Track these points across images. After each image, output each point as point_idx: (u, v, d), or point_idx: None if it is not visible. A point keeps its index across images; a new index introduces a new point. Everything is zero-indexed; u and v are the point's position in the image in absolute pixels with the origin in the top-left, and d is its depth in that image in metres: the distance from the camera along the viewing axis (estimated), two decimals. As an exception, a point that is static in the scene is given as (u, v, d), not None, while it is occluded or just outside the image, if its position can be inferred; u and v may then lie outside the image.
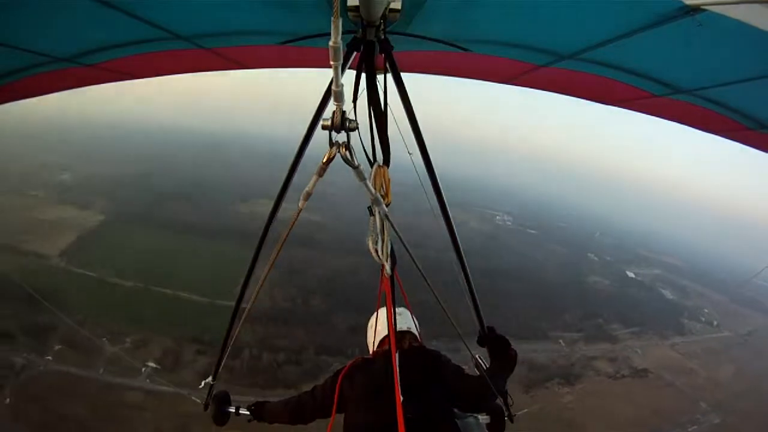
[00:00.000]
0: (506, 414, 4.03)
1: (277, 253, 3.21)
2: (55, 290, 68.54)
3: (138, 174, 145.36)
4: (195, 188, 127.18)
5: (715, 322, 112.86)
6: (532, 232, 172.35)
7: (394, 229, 2.90)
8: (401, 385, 3.02)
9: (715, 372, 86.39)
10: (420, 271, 3.33)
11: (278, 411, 4.13)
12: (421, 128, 2.84)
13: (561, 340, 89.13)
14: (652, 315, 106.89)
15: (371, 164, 2.88)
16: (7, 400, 52.46)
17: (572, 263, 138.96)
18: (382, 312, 4.29)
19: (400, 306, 4.18)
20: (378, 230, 2.70)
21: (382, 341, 4.24)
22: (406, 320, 4.37)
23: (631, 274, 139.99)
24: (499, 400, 3.90)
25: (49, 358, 59.77)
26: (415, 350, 3.97)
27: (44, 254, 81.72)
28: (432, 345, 4.54)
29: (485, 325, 4.01)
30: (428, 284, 3.47)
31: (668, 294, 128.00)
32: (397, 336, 3.71)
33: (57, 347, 61.18)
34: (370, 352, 4.36)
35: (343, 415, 3.65)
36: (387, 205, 2.75)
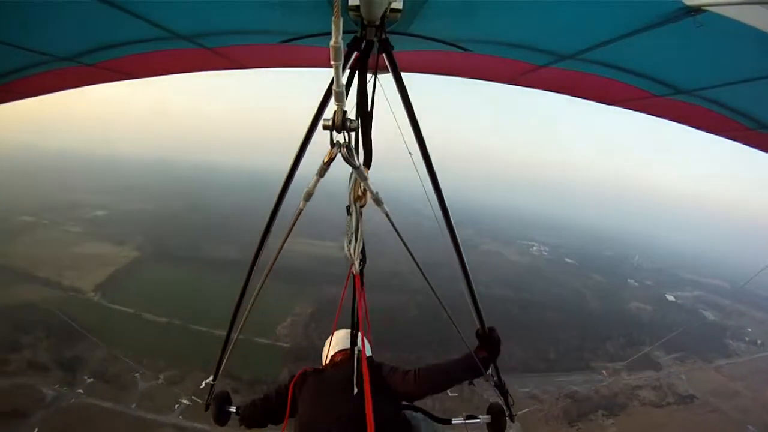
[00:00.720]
0: (507, 413, 3.98)
1: (278, 253, 3.22)
2: (90, 324, 69.39)
3: (173, 211, 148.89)
4: (231, 224, 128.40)
5: (759, 341, 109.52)
6: (570, 261, 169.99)
7: (395, 229, 2.93)
8: (352, 387, 3.23)
9: (762, 393, 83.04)
10: (420, 271, 3.30)
11: (245, 415, 4.16)
12: (421, 128, 2.81)
13: (604, 371, 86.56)
14: (695, 338, 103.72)
15: (356, 166, 2.65)
16: (36, 430, 52.27)
17: (612, 290, 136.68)
18: (338, 332, 4.49)
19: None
20: (353, 230, 2.73)
21: (333, 355, 4.34)
22: (359, 340, 4.30)
23: (671, 298, 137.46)
24: (500, 399, 3.96)
25: (81, 391, 59.45)
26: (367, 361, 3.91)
27: (80, 288, 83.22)
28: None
29: (485, 324, 3.82)
30: (429, 285, 3.43)
31: (710, 315, 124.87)
32: (346, 352, 3.99)
33: (89, 380, 61.05)
34: (322, 364, 4.42)
35: (294, 420, 3.69)
36: (362, 206, 2.78)
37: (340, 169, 2.55)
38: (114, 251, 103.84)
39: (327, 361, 4.40)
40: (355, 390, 3.29)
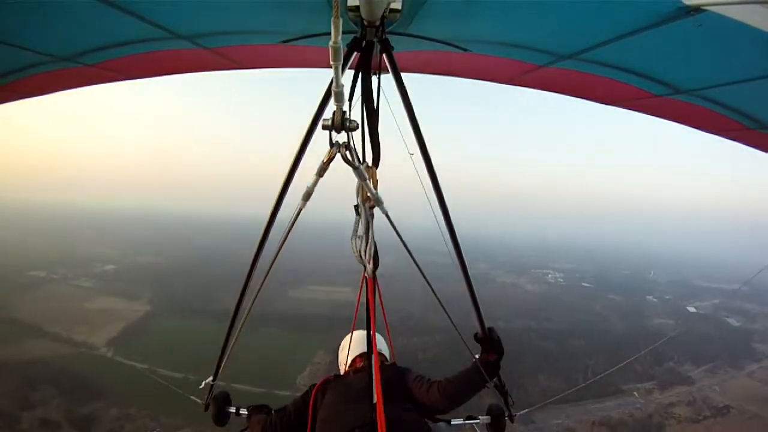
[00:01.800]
0: (506, 414, 3.94)
1: (278, 253, 3.22)
2: (103, 380, 68.03)
3: (184, 263, 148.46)
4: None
5: None
6: (587, 285, 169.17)
7: (395, 229, 2.93)
8: (371, 395, 3.10)
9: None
10: (420, 270, 3.29)
11: (255, 424, 4.03)
12: (421, 128, 2.84)
13: (635, 392, 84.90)
14: (723, 347, 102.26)
15: (355, 166, 2.59)
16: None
17: (633, 310, 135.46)
18: (356, 333, 4.49)
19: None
20: (363, 231, 2.72)
21: (354, 360, 4.32)
22: (379, 342, 4.40)
23: (692, 309, 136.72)
24: (500, 400, 3.91)
25: (94, 450, 57.09)
26: (385, 367, 4.06)
27: (92, 344, 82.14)
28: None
29: (485, 326, 3.80)
30: (428, 283, 3.42)
31: (734, 322, 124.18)
32: (368, 354, 3.70)
33: (103, 439, 58.80)
34: (342, 372, 4.39)
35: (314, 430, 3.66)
36: (371, 207, 2.77)
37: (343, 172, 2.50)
38: (125, 306, 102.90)
39: (347, 366, 4.30)
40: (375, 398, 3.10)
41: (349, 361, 4.36)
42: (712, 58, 2.67)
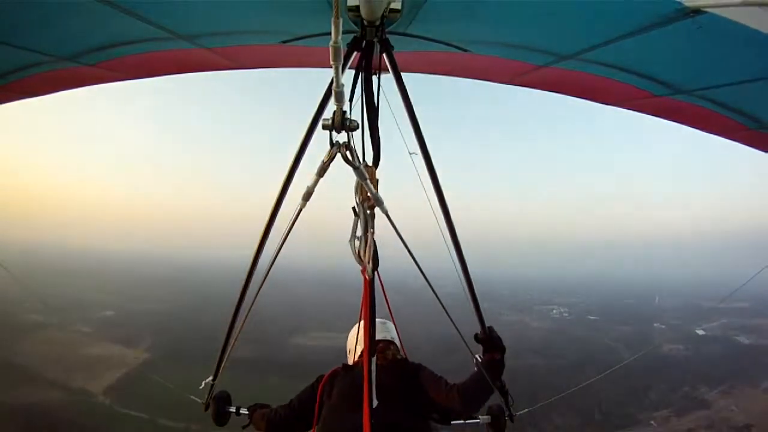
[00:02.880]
0: (507, 413, 3.91)
1: (277, 253, 3.24)
2: (100, 429, 66.63)
3: (183, 309, 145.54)
4: (248, 321, 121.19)
5: None
6: (593, 318, 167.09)
7: (395, 229, 2.93)
8: (378, 393, 3.08)
9: (815, 406, 79.63)
10: (420, 269, 3.30)
11: (258, 419, 4.08)
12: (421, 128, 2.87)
13: (652, 421, 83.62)
14: (735, 366, 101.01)
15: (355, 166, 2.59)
16: None
17: (641, 338, 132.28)
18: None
19: (382, 316, 4.06)
20: (362, 231, 2.69)
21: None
22: (389, 330, 4.36)
23: (701, 332, 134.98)
24: (500, 400, 3.85)
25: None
26: (396, 361, 4.00)
27: (89, 391, 79.97)
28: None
29: (485, 325, 3.79)
30: (428, 283, 3.43)
31: (743, 339, 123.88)
32: (380, 346, 3.84)
33: (105, 494, 56.90)
34: (351, 361, 4.33)
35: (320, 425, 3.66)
36: (371, 207, 2.72)
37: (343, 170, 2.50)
38: (124, 353, 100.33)
39: (357, 357, 4.17)
40: (375, 403, 3.00)
41: (358, 351, 4.19)
42: (712, 59, 2.68)
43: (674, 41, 2.46)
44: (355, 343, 4.33)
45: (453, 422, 3.98)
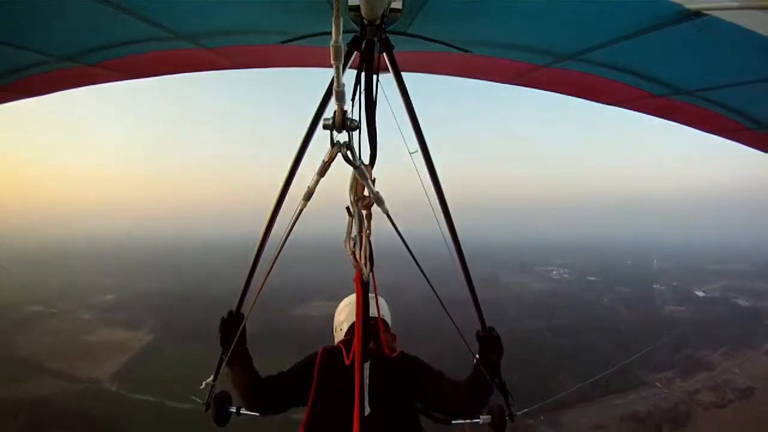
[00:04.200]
0: (507, 413, 3.84)
1: (278, 253, 3.20)
2: (110, 417, 65.49)
3: (184, 287, 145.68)
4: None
5: None
6: (592, 278, 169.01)
7: (395, 228, 2.98)
8: (371, 398, 3.13)
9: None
10: (420, 269, 3.28)
11: (241, 379, 3.87)
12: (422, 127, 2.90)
13: (657, 383, 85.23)
14: (736, 328, 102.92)
15: (356, 165, 2.59)
16: None
17: (642, 299, 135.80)
18: (353, 297, 4.16)
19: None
20: (357, 232, 2.70)
21: (351, 328, 4.12)
22: (383, 307, 4.18)
23: (700, 293, 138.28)
24: (500, 399, 3.84)
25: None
26: (390, 359, 3.76)
27: (96, 378, 79.79)
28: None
29: (485, 324, 3.73)
30: (428, 282, 3.38)
31: (742, 302, 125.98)
32: (371, 324, 3.53)
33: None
34: (337, 339, 4.25)
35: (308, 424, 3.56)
36: (366, 206, 2.74)
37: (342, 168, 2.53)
38: (127, 336, 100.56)
39: (343, 335, 4.16)
40: (367, 410, 3.08)
41: (345, 328, 4.16)
42: (712, 60, 2.69)
43: (674, 43, 2.46)
44: (342, 320, 4.27)
45: (454, 422, 3.92)
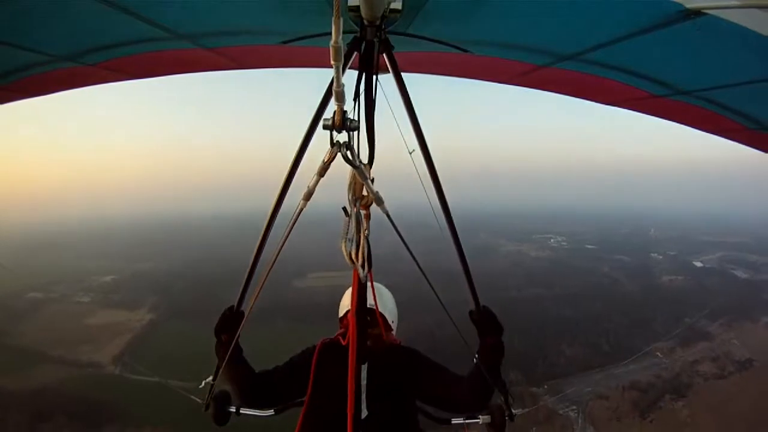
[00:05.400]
0: (507, 413, 3.79)
1: (278, 253, 3.17)
2: (114, 401, 65.55)
3: (182, 265, 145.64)
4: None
5: None
6: (591, 247, 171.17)
7: (395, 228, 2.99)
8: (368, 399, 3.18)
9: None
10: (420, 269, 3.28)
11: (233, 374, 3.82)
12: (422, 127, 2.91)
13: (658, 352, 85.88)
14: (735, 300, 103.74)
15: (356, 165, 2.59)
16: None
17: (640, 268, 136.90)
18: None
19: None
20: (353, 232, 2.67)
21: (344, 317, 4.10)
22: (382, 296, 4.06)
23: (699, 264, 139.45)
24: (500, 399, 3.78)
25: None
26: (388, 350, 3.82)
27: (98, 362, 79.57)
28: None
29: (480, 303, 3.54)
30: (427, 281, 3.39)
31: (740, 274, 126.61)
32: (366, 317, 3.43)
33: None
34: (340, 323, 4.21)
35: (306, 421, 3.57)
36: (365, 206, 2.77)
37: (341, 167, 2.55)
38: (128, 317, 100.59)
39: (340, 325, 4.15)
40: (365, 413, 3.15)
41: (341, 314, 4.16)
42: (713, 60, 2.67)
43: (674, 43, 2.45)
44: (344, 306, 4.18)
45: (453, 421, 3.94)
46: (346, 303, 4.17)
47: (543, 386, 74.43)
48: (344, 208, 2.63)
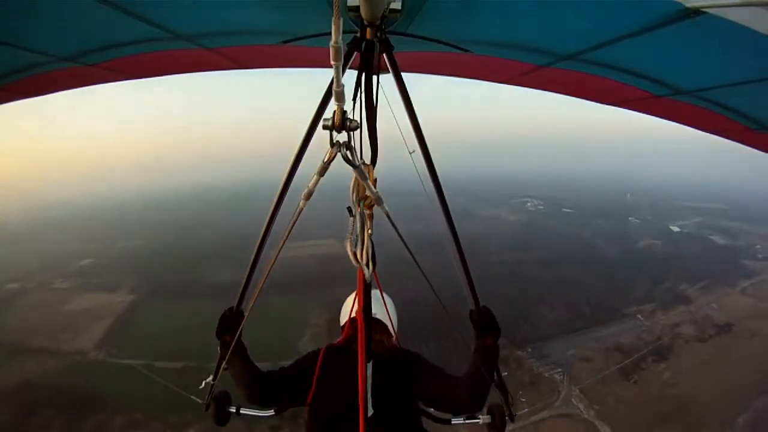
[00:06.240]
0: (507, 413, 3.85)
1: (278, 254, 3.18)
2: (101, 388, 64.35)
3: (163, 242, 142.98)
4: (227, 244, 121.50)
5: None
6: (568, 210, 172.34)
7: (395, 229, 2.99)
8: (374, 398, 3.11)
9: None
10: (421, 270, 3.27)
11: (240, 371, 3.77)
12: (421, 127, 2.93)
13: (639, 315, 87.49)
14: (712, 265, 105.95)
15: (356, 165, 2.61)
16: None
17: (618, 232, 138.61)
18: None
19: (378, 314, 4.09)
20: (358, 231, 2.66)
21: (351, 322, 4.05)
22: (379, 306, 4.16)
23: (675, 228, 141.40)
24: (500, 399, 3.86)
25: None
26: (390, 352, 3.81)
27: (81, 349, 77.39)
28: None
29: (479, 303, 3.61)
30: (429, 282, 3.40)
31: (718, 239, 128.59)
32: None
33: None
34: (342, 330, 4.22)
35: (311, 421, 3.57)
36: (368, 206, 2.73)
37: (341, 166, 2.51)
38: (108, 300, 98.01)
39: (344, 329, 4.15)
40: (370, 411, 3.05)
41: (343, 323, 4.22)
42: (713, 59, 2.66)
43: (675, 42, 2.43)
44: (344, 313, 4.25)
45: (453, 422, 3.93)
46: (347, 311, 4.22)
47: (527, 349, 75.76)
48: (348, 208, 2.61)
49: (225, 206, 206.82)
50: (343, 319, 4.26)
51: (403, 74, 2.79)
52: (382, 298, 4.20)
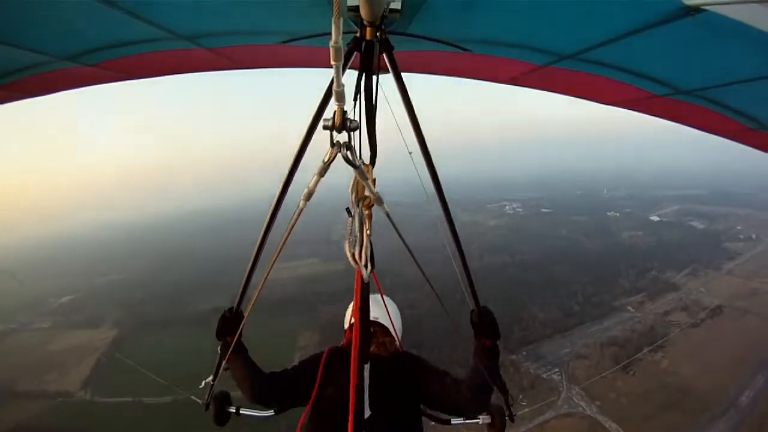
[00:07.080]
0: (507, 413, 3.82)
1: (278, 254, 3.17)
2: (90, 428, 62.71)
3: (144, 274, 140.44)
4: (210, 270, 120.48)
5: (753, 236, 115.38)
6: (546, 210, 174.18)
7: (396, 229, 3.06)
8: (371, 400, 3.15)
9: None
10: (420, 269, 3.40)
11: (242, 373, 3.72)
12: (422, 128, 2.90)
13: (629, 307, 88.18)
14: (695, 250, 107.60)
15: (356, 166, 2.60)
16: None
17: (598, 227, 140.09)
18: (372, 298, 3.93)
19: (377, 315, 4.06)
20: (356, 232, 2.66)
21: (350, 328, 4.00)
22: (380, 308, 4.13)
23: (655, 218, 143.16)
24: (500, 399, 3.81)
25: None
26: (392, 355, 3.80)
27: (66, 391, 75.36)
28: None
29: (480, 305, 3.55)
30: (429, 282, 3.57)
31: (698, 225, 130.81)
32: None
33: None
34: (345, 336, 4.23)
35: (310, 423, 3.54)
36: (368, 206, 2.78)
37: (339, 169, 2.50)
38: (91, 336, 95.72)
39: (346, 334, 4.16)
40: (367, 413, 3.10)
41: (346, 326, 4.21)
42: (713, 58, 2.66)
43: (674, 40, 2.43)
44: (347, 319, 4.21)
45: (453, 422, 3.93)
46: (350, 316, 4.16)
47: (522, 353, 75.51)
48: (348, 209, 2.61)
49: (203, 233, 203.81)
50: (347, 322, 4.24)
51: (403, 74, 2.73)
52: (384, 301, 4.12)
